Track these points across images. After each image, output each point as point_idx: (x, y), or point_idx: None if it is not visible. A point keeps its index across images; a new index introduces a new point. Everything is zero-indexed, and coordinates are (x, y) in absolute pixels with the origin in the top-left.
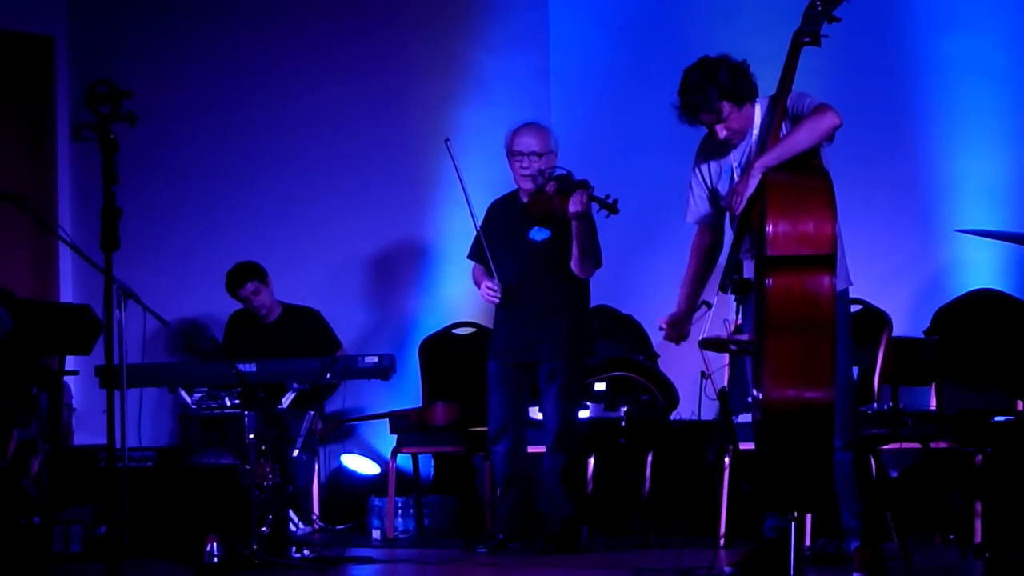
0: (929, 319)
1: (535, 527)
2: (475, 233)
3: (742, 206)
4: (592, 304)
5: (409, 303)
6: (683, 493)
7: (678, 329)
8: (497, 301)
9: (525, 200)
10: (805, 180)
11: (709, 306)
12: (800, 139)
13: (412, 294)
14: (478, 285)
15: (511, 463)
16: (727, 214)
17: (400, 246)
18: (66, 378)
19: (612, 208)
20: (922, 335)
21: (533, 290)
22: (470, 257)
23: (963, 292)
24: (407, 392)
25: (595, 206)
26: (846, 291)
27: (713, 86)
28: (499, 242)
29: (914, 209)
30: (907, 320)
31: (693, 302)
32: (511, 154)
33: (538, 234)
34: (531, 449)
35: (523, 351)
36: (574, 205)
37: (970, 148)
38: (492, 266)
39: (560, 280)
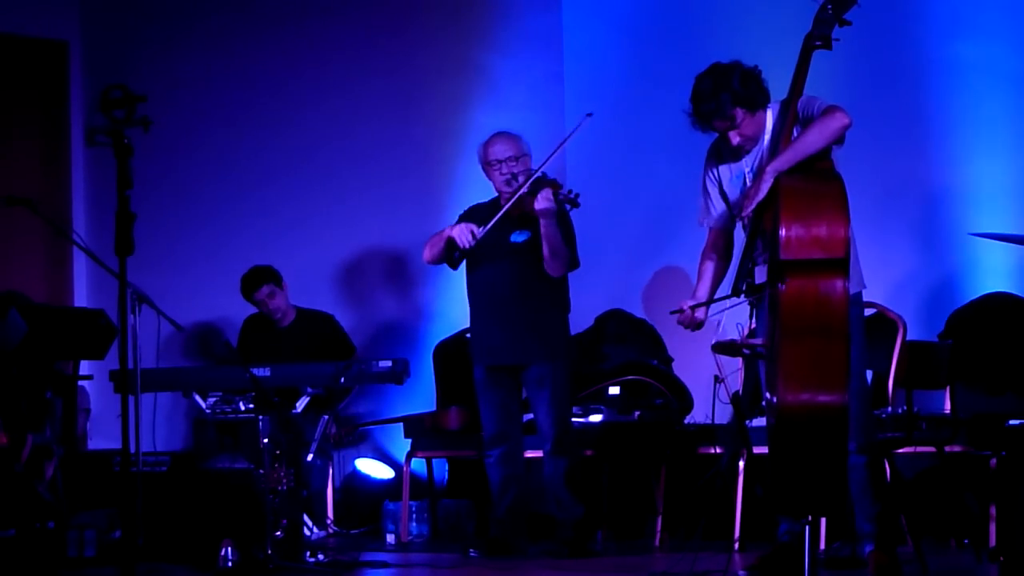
0: (943, 323)
1: (535, 531)
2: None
3: (751, 208)
4: (605, 308)
5: (423, 307)
6: (697, 497)
7: (702, 315)
8: (469, 245)
9: (504, 204)
10: (818, 184)
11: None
12: (811, 141)
13: (426, 298)
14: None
15: (507, 466)
16: (735, 218)
17: (414, 249)
18: (84, 383)
19: (573, 202)
20: (936, 339)
21: (515, 292)
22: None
23: (977, 296)
24: (421, 396)
25: (568, 205)
26: (859, 294)
27: (726, 93)
28: (480, 246)
29: (928, 212)
30: (921, 324)
31: (711, 294)
32: (488, 164)
33: (518, 236)
34: (530, 454)
35: (508, 353)
36: (539, 202)
37: (983, 151)
38: (484, 229)
39: (541, 282)
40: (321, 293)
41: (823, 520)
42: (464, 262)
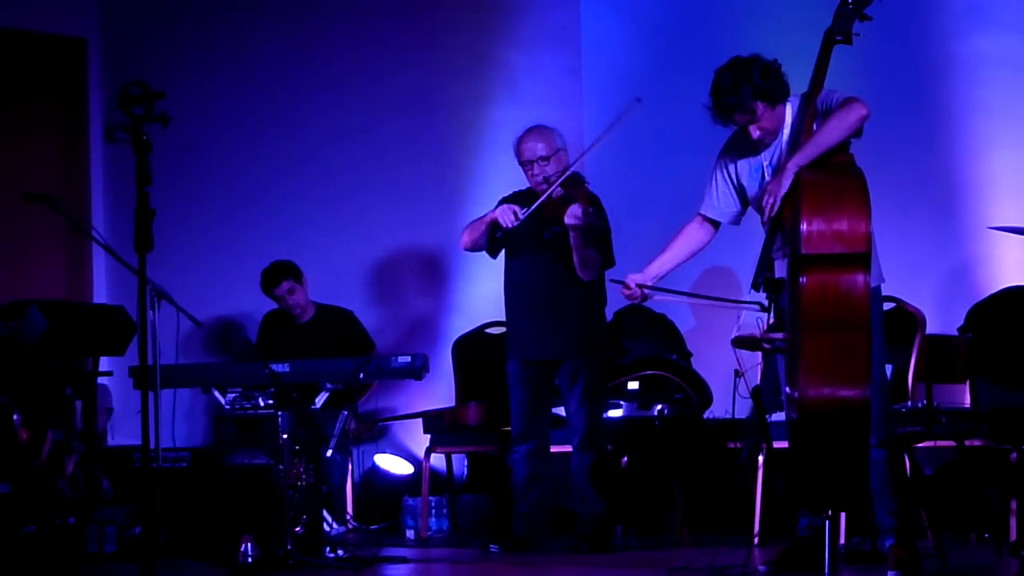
0: (963, 317)
1: (555, 525)
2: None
3: (777, 206)
4: (624, 303)
5: (442, 303)
6: (717, 492)
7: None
8: (512, 224)
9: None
10: (840, 179)
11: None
12: (831, 133)
13: (444, 293)
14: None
15: (532, 464)
16: (744, 213)
17: (433, 245)
18: (107, 381)
19: (600, 217)
20: (956, 333)
21: (550, 288)
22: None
23: (997, 290)
24: (440, 392)
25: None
26: (879, 288)
27: (747, 86)
28: (515, 240)
29: (947, 206)
30: (941, 318)
31: (658, 275)
32: (521, 164)
33: (551, 232)
34: (556, 449)
35: (543, 348)
36: (568, 217)
37: (1003, 145)
38: (527, 211)
39: (576, 278)
40: (340, 289)
41: (843, 514)
42: (503, 255)
